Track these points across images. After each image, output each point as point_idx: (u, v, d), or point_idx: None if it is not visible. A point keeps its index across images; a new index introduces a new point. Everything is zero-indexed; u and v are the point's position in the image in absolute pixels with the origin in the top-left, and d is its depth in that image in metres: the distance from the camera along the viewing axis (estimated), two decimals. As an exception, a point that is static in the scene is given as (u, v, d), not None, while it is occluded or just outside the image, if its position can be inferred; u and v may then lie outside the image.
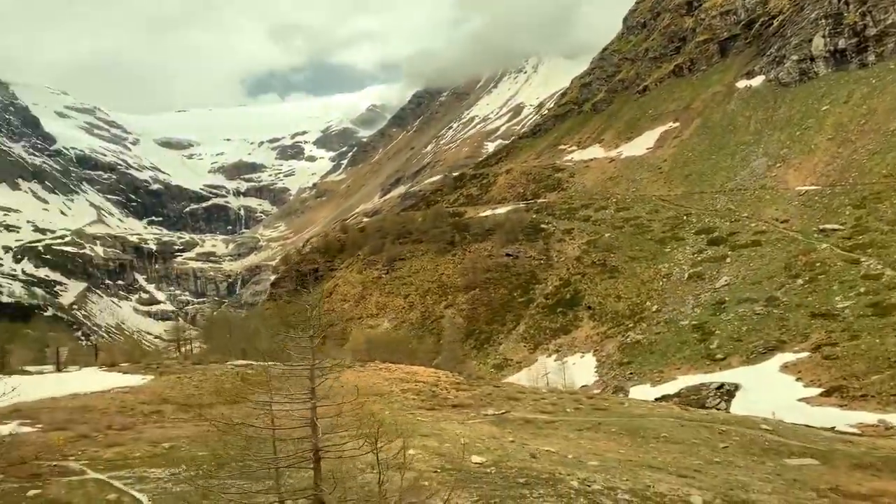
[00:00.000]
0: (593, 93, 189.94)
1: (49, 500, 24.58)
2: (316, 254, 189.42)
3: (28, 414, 45.65)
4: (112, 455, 32.88)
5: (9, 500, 24.29)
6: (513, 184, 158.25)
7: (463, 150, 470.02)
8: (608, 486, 30.53)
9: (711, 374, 76.85)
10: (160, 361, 66.66)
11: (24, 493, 25.06)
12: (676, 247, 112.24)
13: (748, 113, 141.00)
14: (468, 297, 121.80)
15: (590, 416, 47.10)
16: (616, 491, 29.42)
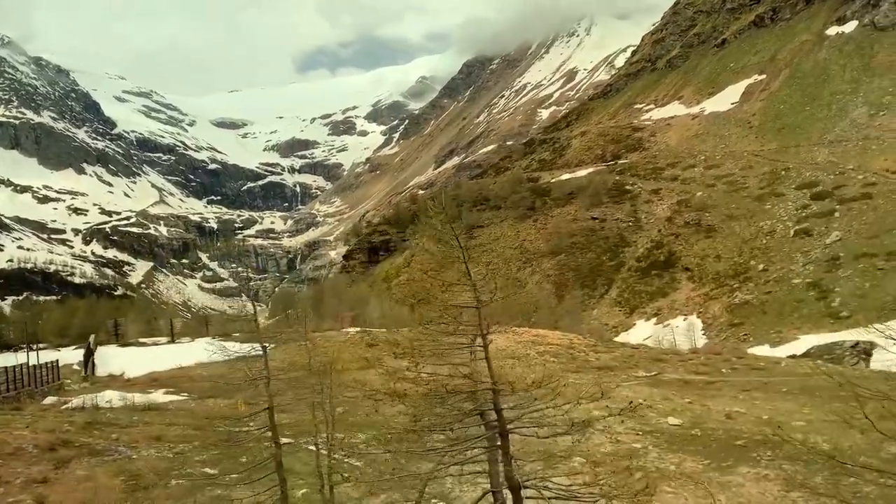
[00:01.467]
0: (667, 49, 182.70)
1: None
2: (387, 225, 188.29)
3: (168, 383, 44.65)
4: (290, 421, 31.07)
5: (223, 467, 22.45)
6: (589, 146, 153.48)
7: (517, 118, 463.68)
8: (836, 447, 27.43)
9: (837, 333, 72.08)
10: (276, 331, 65.54)
11: (237, 459, 23.21)
12: (777, 203, 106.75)
13: (842, 61, 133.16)
14: (554, 263, 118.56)
15: (750, 377, 43.82)
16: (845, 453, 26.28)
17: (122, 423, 29.90)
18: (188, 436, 27.84)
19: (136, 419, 31.12)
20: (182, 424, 30.08)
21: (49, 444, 25.85)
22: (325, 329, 64.14)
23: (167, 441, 26.99)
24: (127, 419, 30.98)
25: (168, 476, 21.17)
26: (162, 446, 25.96)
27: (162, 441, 26.95)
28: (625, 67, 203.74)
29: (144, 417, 31.63)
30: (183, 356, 55.54)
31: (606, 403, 35.24)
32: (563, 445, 21.35)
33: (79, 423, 29.18)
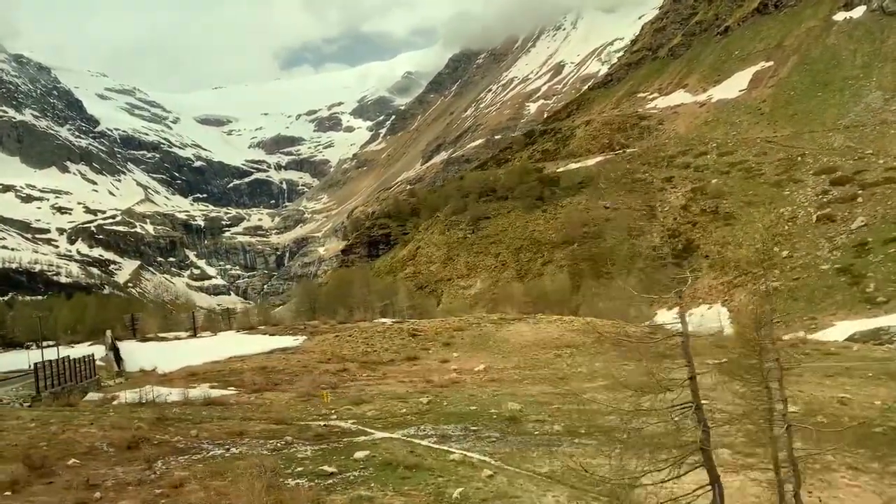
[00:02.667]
0: (668, 37, 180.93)
1: (384, 461, 19.96)
2: (387, 218, 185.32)
3: (207, 377, 41.76)
4: (371, 412, 28.38)
5: (340, 464, 19.73)
6: (595, 135, 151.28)
7: (504, 112, 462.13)
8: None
9: (876, 319, 70.41)
10: (304, 323, 62.69)
11: (350, 456, 20.49)
12: (795, 189, 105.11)
13: (852, 46, 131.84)
14: (567, 253, 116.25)
15: (827, 362, 41.67)
16: None
17: (195, 419, 27.05)
18: (273, 431, 25.07)
19: (206, 414, 28.27)
20: (258, 419, 27.27)
21: (125, 441, 23.01)
22: (355, 320, 61.36)
23: (252, 436, 24.21)
24: (196, 415, 28.14)
25: (290, 475, 18.41)
26: (253, 442, 23.17)
27: (248, 436, 24.16)
28: (625, 57, 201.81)
29: (214, 413, 28.78)
30: (213, 350, 52.70)
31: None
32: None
33: (147, 418, 26.31)
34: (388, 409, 29.01)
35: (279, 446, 22.61)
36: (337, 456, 20.96)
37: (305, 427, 25.93)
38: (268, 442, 23.44)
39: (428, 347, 48.65)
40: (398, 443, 22.80)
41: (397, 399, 31.40)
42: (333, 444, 22.87)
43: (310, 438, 23.86)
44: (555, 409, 27.78)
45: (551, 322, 53.64)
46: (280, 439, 23.80)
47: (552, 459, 20.64)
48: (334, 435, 24.40)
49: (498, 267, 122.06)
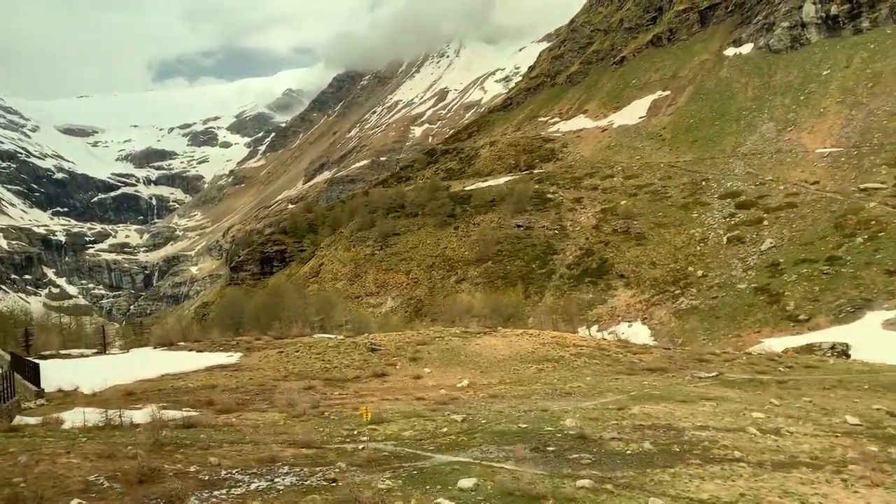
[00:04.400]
0: (566, 64, 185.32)
1: (500, 490, 16.05)
2: (282, 234, 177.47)
3: (150, 397, 35.87)
4: (407, 433, 24.11)
5: (454, 496, 15.63)
6: (500, 155, 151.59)
7: (389, 134, 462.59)
8: None
9: (802, 336, 72.36)
10: (235, 339, 56.41)
11: (450, 486, 16.39)
12: (703, 211, 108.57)
13: (743, 79, 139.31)
14: (481, 271, 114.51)
15: (813, 375, 41.06)
16: None
17: (202, 444, 21.82)
18: (308, 456, 20.44)
19: (206, 438, 23.04)
20: (272, 442, 22.41)
21: (131, 474, 17.83)
22: (293, 335, 55.94)
23: (287, 463, 19.52)
24: (192, 438, 22.89)
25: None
26: (298, 470, 18.54)
27: (282, 463, 19.46)
28: (524, 82, 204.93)
29: (214, 436, 23.52)
30: (136, 368, 46.07)
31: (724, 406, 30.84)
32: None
33: (141, 443, 20.92)
34: (422, 427, 24.82)
35: (335, 475, 18.10)
36: (432, 486, 16.85)
37: (342, 451, 21.45)
38: (314, 469, 18.85)
39: (393, 363, 44.39)
40: (478, 468, 18.87)
41: (418, 417, 27.23)
42: (401, 470, 18.63)
43: (361, 464, 19.49)
44: (612, 425, 24.61)
45: (519, 336, 50.70)
46: (327, 466, 19.24)
47: (691, 482, 17.41)
48: (388, 460, 20.11)
49: (410, 284, 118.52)
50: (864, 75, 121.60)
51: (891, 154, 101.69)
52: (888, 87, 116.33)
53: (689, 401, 30.51)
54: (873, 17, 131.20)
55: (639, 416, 26.21)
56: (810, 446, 22.07)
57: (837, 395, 35.57)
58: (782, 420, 26.03)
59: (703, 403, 29.34)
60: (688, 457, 20.11)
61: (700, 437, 22.50)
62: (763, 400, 32.00)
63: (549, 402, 31.52)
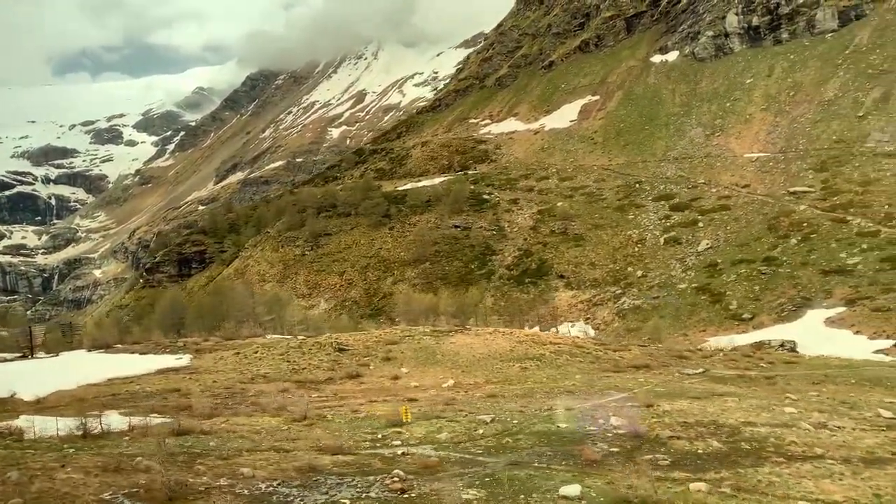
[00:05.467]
0: (494, 67, 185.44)
1: (613, 499, 13.97)
2: (201, 234, 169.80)
3: (105, 402, 32.20)
4: (443, 436, 21.66)
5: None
6: (433, 156, 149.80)
7: (306, 135, 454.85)
8: None
9: (747, 334, 73.51)
10: (181, 340, 51.98)
11: (548, 494, 14.19)
12: (638, 213, 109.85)
13: (671, 86, 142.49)
14: (419, 272, 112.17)
15: (795, 371, 40.88)
16: None
17: (217, 453, 18.76)
18: (350, 464, 17.81)
19: (216, 445, 19.94)
20: (296, 449, 19.58)
21: (158, 492, 14.84)
22: (245, 336, 52.17)
23: (331, 473, 16.87)
24: (200, 446, 19.78)
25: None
26: (350, 481, 15.94)
27: (325, 474, 16.79)
28: (453, 84, 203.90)
29: (225, 444, 20.42)
30: (77, 372, 41.58)
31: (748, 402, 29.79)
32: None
33: (150, 453, 17.76)
34: (452, 430, 22.43)
35: (400, 484, 15.60)
36: (526, 495, 14.65)
37: (381, 456, 18.92)
38: (367, 479, 16.29)
39: (366, 363, 41.59)
40: (551, 471, 16.78)
41: (438, 418, 24.80)
42: (470, 477, 16.34)
43: (417, 471, 17.08)
44: (657, 423, 22.90)
45: (492, 334, 48.80)
46: (379, 475, 16.69)
47: (800, 482, 15.78)
48: (443, 465, 17.73)
49: (344, 286, 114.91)
50: (786, 84, 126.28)
51: (816, 159, 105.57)
52: (809, 95, 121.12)
53: (705, 397, 29.26)
54: (792, 29, 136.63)
55: (675, 414, 24.66)
56: (872, 441, 20.98)
57: (832, 390, 35.16)
58: (818, 415, 25.01)
59: (723, 400, 28.13)
60: (767, 455, 18.59)
61: (759, 434, 21.07)
62: (778, 395, 31.09)
63: (558, 400, 29.69)
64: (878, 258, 79.00)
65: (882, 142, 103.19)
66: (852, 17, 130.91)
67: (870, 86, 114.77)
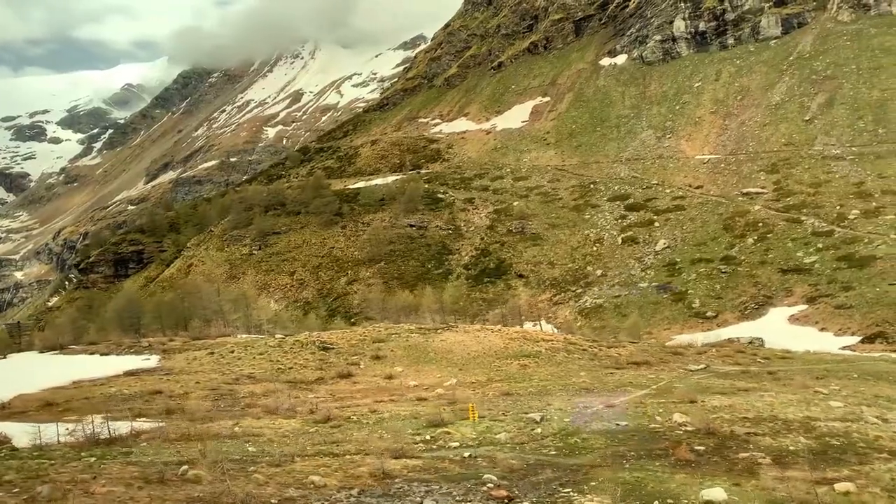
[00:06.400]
0: (443, 67, 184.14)
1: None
2: (139, 233, 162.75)
3: (79, 407, 29.33)
4: (502, 436, 19.78)
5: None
6: (384, 155, 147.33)
7: (240, 134, 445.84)
8: None
9: (713, 331, 73.85)
10: (146, 340, 48.36)
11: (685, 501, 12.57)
12: (595, 213, 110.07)
13: (620, 88, 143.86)
14: (374, 271, 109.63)
15: (794, 366, 40.48)
16: None
17: (273, 460, 16.42)
18: (414, 468, 15.81)
19: (256, 451, 17.58)
20: (364, 454, 17.42)
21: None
22: (215, 336, 49.06)
23: (406, 479, 14.85)
24: (252, 453, 17.43)
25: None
26: (434, 488, 14.00)
27: (401, 480, 14.78)
28: (400, 83, 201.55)
29: (264, 449, 18.04)
30: (34, 375, 38.13)
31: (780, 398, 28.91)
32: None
33: (192, 459, 15.35)
34: (505, 430, 20.55)
35: (505, 492, 13.73)
36: (661, 501, 12.87)
37: (451, 459, 16.96)
38: (458, 485, 14.34)
39: (355, 362, 39.28)
40: (656, 473, 15.15)
41: (480, 418, 22.86)
42: (577, 483, 14.57)
43: (509, 476, 15.21)
44: (719, 420, 21.54)
45: (480, 331, 47.09)
46: (466, 481, 14.76)
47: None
48: (533, 470, 15.94)
49: (295, 286, 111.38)
50: (734, 88, 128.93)
51: (766, 161, 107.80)
52: (756, 99, 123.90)
53: (733, 393, 28.24)
54: (737, 35, 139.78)
55: (724, 409, 23.44)
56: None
57: (843, 384, 34.68)
58: (867, 409, 24.18)
59: (758, 395, 27.12)
60: (867, 451, 17.45)
61: (836, 429, 19.99)
62: (802, 390, 30.14)
63: (582, 398, 28.20)
64: (834, 257, 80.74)
65: (829, 145, 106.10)
66: (795, 24, 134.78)
67: (814, 91, 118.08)
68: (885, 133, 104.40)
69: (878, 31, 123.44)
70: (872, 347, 62.63)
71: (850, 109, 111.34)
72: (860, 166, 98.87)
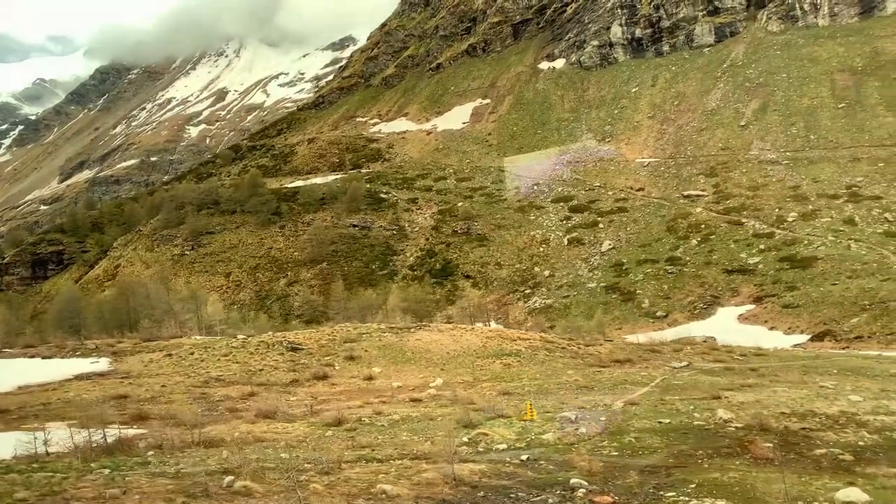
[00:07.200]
0: (381, 67, 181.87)
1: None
2: (59, 233, 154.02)
3: (35, 413, 26.50)
4: (547, 437, 18.24)
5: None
6: (321, 153, 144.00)
7: (161, 133, 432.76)
8: None
9: (664, 331, 74.33)
10: (93, 342, 44.55)
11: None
12: (539, 214, 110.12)
13: (560, 92, 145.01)
14: (315, 272, 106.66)
15: (771, 363, 40.45)
16: None
17: (321, 468, 14.36)
18: (501, 475, 14.19)
19: (290, 458, 15.50)
20: (411, 458, 15.57)
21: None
22: (168, 337, 45.83)
23: (489, 487, 13.18)
24: (286, 460, 15.35)
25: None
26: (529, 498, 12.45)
27: (491, 489, 13.12)
28: (336, 81, 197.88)
29: (309, 456, 15.94)
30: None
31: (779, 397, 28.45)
32: None
33: (235, 470, 13.23)
34: (557, 430, 18.99)
35: (613, 499, 12.23)
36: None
37: (517, 464, 15.30)
38: (553, 494, 12.76)
39: (330, 363, 37.04)
40: (757, 475, 13.93)
41: (501, 418, 21.27)
42: (681, 485, 13.19)
43: (597, 481, 13.68)
44: (757, 416, 20.60)
45: (454, 330, 45.46)
46: (555, 487, 13.20)
47: None
48: (621, 472, 14.52)
49: (231, 287, 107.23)
50: (670, 94, 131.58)
51: (705, 165, 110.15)
52: (692, 105, 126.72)
53: (743, 388, 27.57)
54: (672, 42, 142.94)
55: (751, 405, 22.53)
56: None
57: (813, 381, 34.64)
58: (887, 403, 23.75)
59: (771, 390, 26.46)
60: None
61: (887, 423, 19.25)
62: (805, 384, 29.67)
63: (588, 396, 26.99)
64: (777, 258, 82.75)
65: (764, 150, 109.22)
66: (727, 33, 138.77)
67: (748, 98, 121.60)
68: (816, 139, 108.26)
69: (806, 42, 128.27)
70: (822, 345, 64.05)
71: (783, 116, 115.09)
72: (795, 171, 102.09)
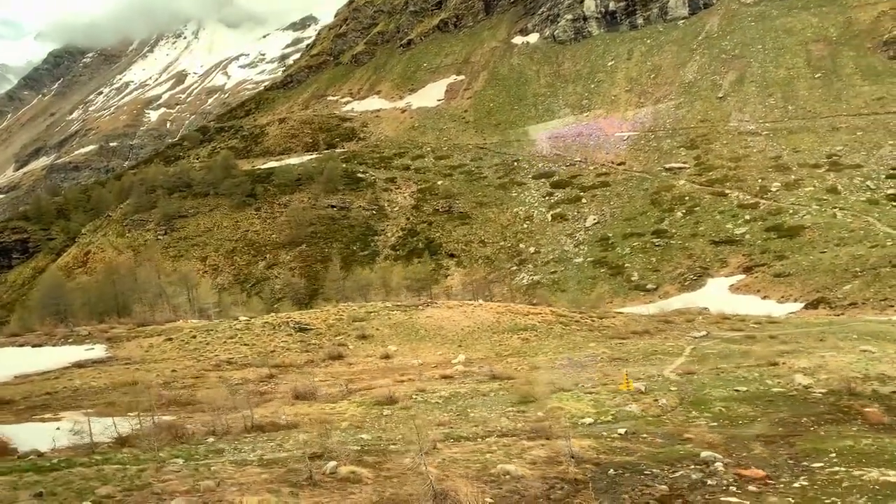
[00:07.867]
0: (350, 44, 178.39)
1: None
2: (23, 221, 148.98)
3: (45, 402, 24.69)
4: (630, 413, 17.06)
5: None
6: (294, 133, 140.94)
7: (120, 118, 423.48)
8: None
9: (656, 303, 74.05)
10: (86, 328, 42.28)
11: None
12: (521, 191, 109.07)
13: (535, 67, 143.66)
14: (295, 254, 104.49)
15: (787, 330, 39.96)
16: None
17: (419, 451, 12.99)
18: (614, 450, 12.97)
19: (380, 440, 14.10)
20: (523, 437, 14.25)
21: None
22: (163, 321, 43.86)
23: (614, 465, 11.94)
24: (373, 443, 13.93)
25: None
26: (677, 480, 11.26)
27: (619, 466, 11.89)
28: (304, 59, 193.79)
29: (400, 438, 14.52)
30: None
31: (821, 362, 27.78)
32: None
33: (328, 454, 11.79)
34: (618, 404, 17.85)
35: (757, 473, 11.06)
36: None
37: (619, 438, 14.07)
38: (688, 469, 11.56)
39: (343, 343, 35.54)
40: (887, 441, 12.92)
41: (563, 391, 20.09)
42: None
43: (722, 454, 12.51)
44: (826, 382, 19.72)
45: (462, 305, 44.17)
46: (681, 464, 12.02)
47: None
48: (728, 447, 13.34)
49: (209, 272, 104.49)
50: (646, 67, 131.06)
51: (685, 137, 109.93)
52: (668, 78, 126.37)
53: (784, 354, 26.74)
54: (646, 15, 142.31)
55: (815, 370, 21.64)
56: None
57: (849, 346, 34.16)
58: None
59: (818, 355, 25.67)
60: None
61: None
62: (840, 349, 28.97)
63: (631, 367, 25.95)
64: (763, 228, 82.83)
65: (743, 121, 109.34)
66: (701, 5, 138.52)
67: (725, 70, 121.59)
68: (794, 110, 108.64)
69: (780, 13, 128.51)
70: (817, 313, 64.11)
71: (760, 87, 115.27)
72: (775, 141, 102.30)
